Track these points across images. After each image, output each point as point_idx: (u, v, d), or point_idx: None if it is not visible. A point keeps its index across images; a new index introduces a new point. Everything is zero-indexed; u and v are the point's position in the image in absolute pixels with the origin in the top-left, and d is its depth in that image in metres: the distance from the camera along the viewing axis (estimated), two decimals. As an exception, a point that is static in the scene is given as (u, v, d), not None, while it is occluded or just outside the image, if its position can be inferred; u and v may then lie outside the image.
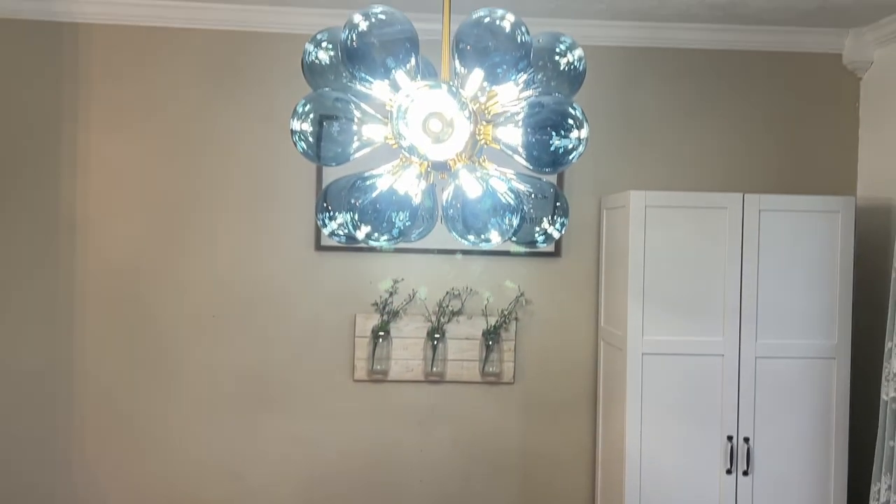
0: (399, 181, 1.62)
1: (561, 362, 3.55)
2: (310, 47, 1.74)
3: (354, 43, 1.55)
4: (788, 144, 3.56)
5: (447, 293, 3.47)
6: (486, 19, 1.51)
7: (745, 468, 3.12)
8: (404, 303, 3.46)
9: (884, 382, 3.00)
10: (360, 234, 1.56)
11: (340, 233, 1.76)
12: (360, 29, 1.53)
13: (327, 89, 1.67)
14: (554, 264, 3.54)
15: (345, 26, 1.55)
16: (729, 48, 3.51)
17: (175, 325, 3.44)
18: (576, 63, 1.68)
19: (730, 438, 3.11)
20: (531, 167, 1.60)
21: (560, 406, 3.56)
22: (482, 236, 1.55)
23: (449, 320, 3.47)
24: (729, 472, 3.11)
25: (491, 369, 3.50)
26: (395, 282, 3.47)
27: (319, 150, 1.64)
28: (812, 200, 3.16)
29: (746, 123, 3.56)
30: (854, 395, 3.19)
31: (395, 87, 1.60)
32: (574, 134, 1.56)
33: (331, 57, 1.74)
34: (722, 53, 3.53)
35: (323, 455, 3.50)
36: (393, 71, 1.58)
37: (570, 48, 1.67)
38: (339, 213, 1.74)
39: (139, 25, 3.39)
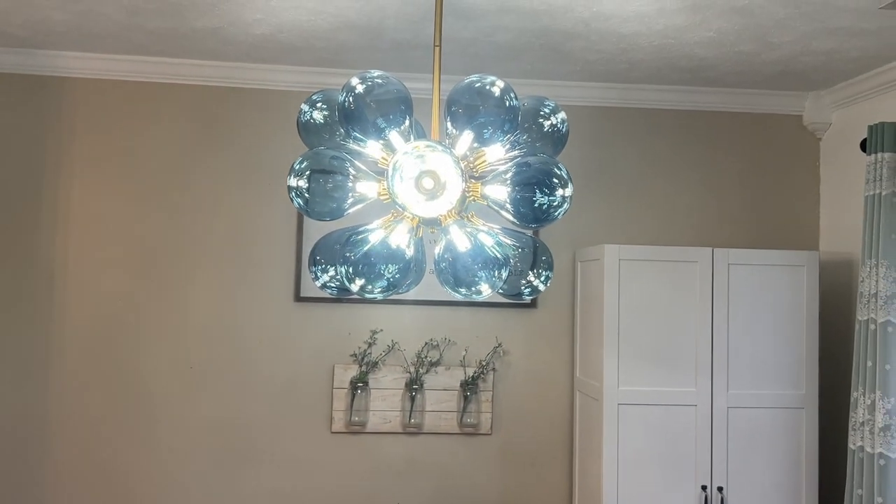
0: (391, 235, 1.69)
1: (538, 413, 3.60)
2: (305, 107, 1.82)
3: (352, 105, 1.63)
4: (755, 201, 3.70)
5: (426, 344, 3.52)
6: (477, 84, 1.60)
7: (720, 517, 3.17)
8: (383, 354, 3.50)
9: (851, 432, 3.09)
10: (355, 286, 1.62)
11: (332, 285, 1.82)
12: (356, 91, 1.61)
13: (323, 148, 1.73)
14: (530, 316, 3.61)
15: (343, 88, 1.63)
16: (697, 109, 3.67)
17: (153, 376, 3.43)
18: (559, 125, 1.78)
19: (704, 488, 3.17)
20: (518, 223, 1.68)
21: (537, 456, 3.59)
22: (473, 289, 1.62)
23: (427, 371, 3.51)
24: (704, 521, 3.16)
25: (469, 420, 3.53)
26: (374, 333, 3.51)
27: (315, 205, 1.69)
28: (778, 255, 3.29)
29: (714, 180, 3.70)
30: (823, 444, 3.27)
31: (390, 147, 1.68)
32: (559, 192, 1.65)
33: (325, 116, 1.82)
34: (690, 114, 3.69)
35: (300, 508, 3.49)
36: (387, 131, 1.66)
37: (554, 111, 1.78)
38: (331, 266, 1.81)
39: (123, 80, 3.46)
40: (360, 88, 1.61)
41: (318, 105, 1.81)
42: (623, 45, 3.02)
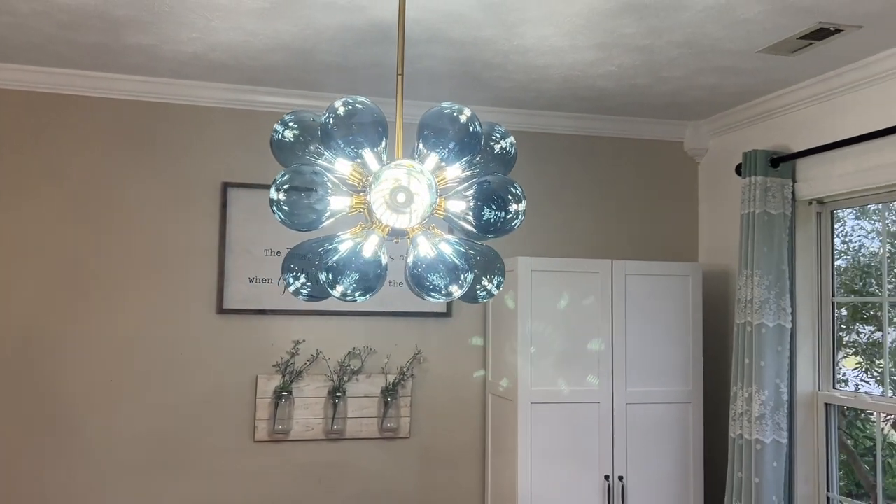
0: (366, 245, 1.86)
1: (453, 415, 3.82)
2: (278, 127, 1.97)
3: (333, 125, 1.80)
4: (645, 217, 4.11)
5: (348, 353, 3.67)
6: (447, 111, 1.82)
7: (621, 504, 3.50)
8: (307, 363, 3.62)
9: (731, 422, 3.51)
10: (337, 291, 1.78)
11: (304, 291, 1.97)
12: (338, 113, 1.79)
13: (301, 164, 1.88)
14: (445, 324, 3.83)
15: (326, 110, 1.80)
16: (595, 134, 4.04)
17: (74, 390, 3.40)
18: (508, 148, 2.02)
19: (607, 477, 3.49)
20: (479, 234, 1.90)
21: (452, 457, 3.81)
22: (443, 292, 1.82)
23: (349, 379, 3.66)
24: (607, 508, 3.48)
25: (389, 425, 3.70)
26: (297, 343, 3.63)
27: (295, 217, 1.84)
28: (667, 266, 3.68)
29: (612, 199, 4.08)
30: (707, 434, 3.68)
31: (364, 165, 1.86)
32: (513, 207, 1.88)
33: (294, 135, 1.98)
34: (589, 138, 4.05)
35: (224, 517, 3.54)
36: (362, 151, 1.84)
37: (504, 136, 2.02)
38: (303, 273, 1.96)
39: (45, 92, 3.43)
40: (341, 111, 1.79)
41: (290, 125, 1.97)
42: (534, 75, 3.32)
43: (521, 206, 1.88)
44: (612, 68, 3.22)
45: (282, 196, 1.85)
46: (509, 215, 1.88)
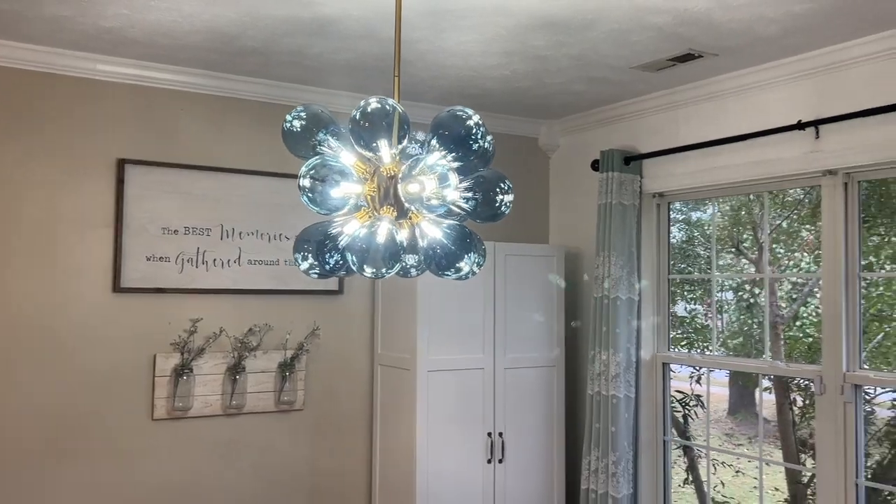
0: (380, 228, 2.10)
1: (343, 386, 4.06)
2: (289, 117, 2.16)
3: (364, 121, 2.02)
4: (516, 205, 4.58)
5: (248, 330, 3.78)
6: (459, 113, 2.10)
7: (500, 457, 3.97)
8: (210, 341, 3.67)
9: (589, 381, 4.10)
10: (368, 272, 2.02)
11: (315, 271, 2.17)
12: (371, 107, 2.01)
13: (323, 157, 2.08)
14: (338, 301, 4.06)
15: (358, 106, 2.01)
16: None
17: (-38, 375, 3.20)
18: (487, 146, 2.34)
19: (489, 434, 3.94)
20: (475, 220, 2.22)
21: (343, 426, 4.05)
22: (454, 269, 2.12)
23: (248, 356, 3.77)
24: (489, 461, 3.93)
25: (285, 398, 3.86)
26: (194, 322, 3.67)
27: (322, 202, 2.04)
28: (538, 248, 4.19)
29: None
30: (569, 393, 4.26)
31: (379, 158, 2.10)
32: (501, 197, 2.22)
33: (301, 125, 2.17)
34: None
35: (124, 495, 3.51)
36: (379, 142, 2.08)
37: (484, 136, 2.34)
38: (312, 253, 2.16)
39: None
40: (373, 105, 2.01)
41: (301, 116, 2.16)
42: (436, 73, 3.65)
43: (510, 197, 2.22)
44: (506, 72, 3.63)
45: (309, 183, 2.04)
46: (500, 204, 2.21)
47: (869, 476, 3.29)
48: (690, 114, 3.89)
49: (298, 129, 2.17)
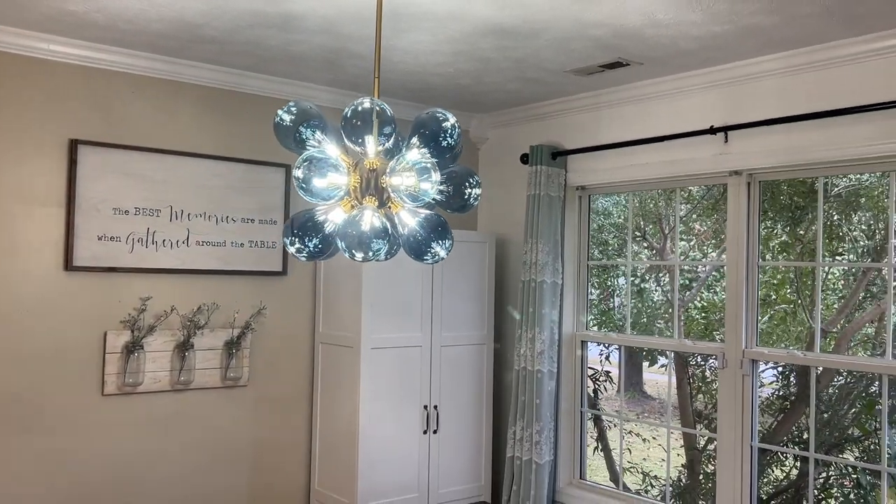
0: (363, 216, 2.34)
1: (285, 363, 4.24)
2: (280, 112, 2.35)
3: (355, 119, 2.24)
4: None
5: (198, 308, 3.90)
6: (439, 116, 2.35)
7: (435, 428, 4.26)
8: (160, 319, 3.78)
9: (516, 358, 4.45)
10: (358, 256, 2.25)
11: (303, 254, 2.38)
12: (363, 107, 2.24)
13: (317, 150, 2.28)
14: (281, 282, 4.22)
15: (351, 105, 2.23)
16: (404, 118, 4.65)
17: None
18: (459, 144, 2.60)
19: (425, 407, 4.23)
20: (447, 210, 2.48)
21: (284, 401, 4.24)
22: (430, 253, 2.37)
23: (196, 333, 3.90)
24: (425, 432, 4.22)
25: (231, 375, 4.02)
26: (144, 300, 3.76)
27: (313, 193, 2.25)
28: (472, 234, 4.49)
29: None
30: (497, 369, 4.59)
31: (365, 153, 2.32)
32: (470, 191, 2.49)
33: (291, 119, 2.37)
34: (400, 121, 4.65)
35: (75, 467, 3.59)
36: (367, 138, 2.31)
37: (460, 135, 2.59)
38: (303, 237, 2.37)
39: None
40: (366, 104, 2.24)
41: (292, 110, 2.35)
42: (386, 67, 3.86)
43: (478, 191, 2.50)
44: (449, 70, 3.89)
45: (301, 174, 2.24)
46: (469, 196, 2.48)
47: (760, 439, 3.77)
48: (614, 114, 4.26)
49: (288, 123, 2.36)
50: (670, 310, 4.85)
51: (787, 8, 2.92)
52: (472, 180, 2.49)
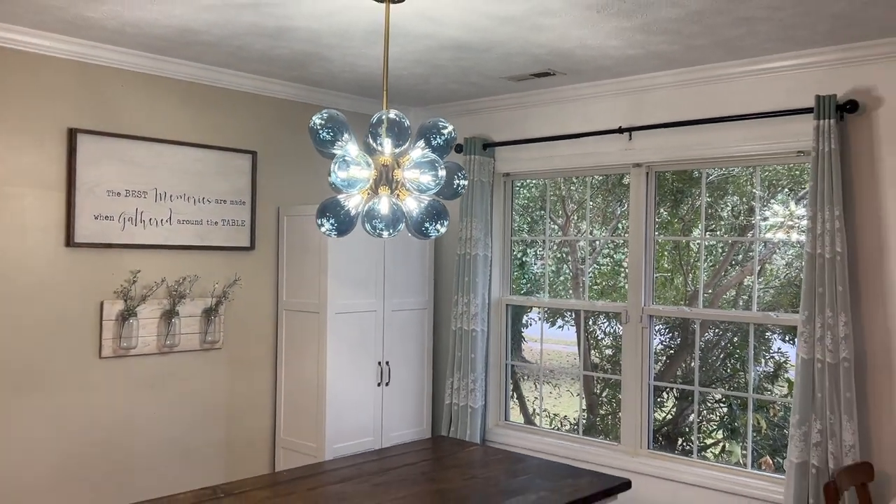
0: (381, 202, 2.98)
1: (253, 328, 4.79)
2: (315, 119, 2.94)
3: (379, 125, 2.87)
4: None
5: (183, 279, 4.38)
6: (440, 124, 3.02)
7: (387, 381, 4.94)
8: (154, 288, 4.24)
9: (452, 320, 5.19)
10: (385, 234, 2.89)
11: (333, 232, 3.00)
12: (390, 116, 2.87)
13: (345, 152, 2.90)
14: (250, 256, 4.75)
15: (377, 115, 2.87)
16: (358, 112, 5.24)
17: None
18: (447, 136, 3.27)
19: (379, 363, 4.89)
20: (439, 198, 3.16)
21: (252, 362, 4.79)
22: (434, 230, 3.04)
23: (180, 302, 4.38)
24: (378, 384, 4.89)
25: (209, 339, 4.53)
26: (134, 273, 4.21)
27: (345, 185, 2.87)
28: (414, 213, 5.16)
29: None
30: (436, 330, 5.31)
31: (382, 151, 2.96)
32: (458, 182, 3.18)
33: (320, 125, 2.97)
34: (356, 115, 5.25)
35: (76, 423, 4.02)
36: (380, 139, 2.95)
37: (444, 127, 3.26)
38: (331, 218, 2.99)
39: None
40: (392, 114, 2.88)
41: (325, 117, 2.95)
42: (345, 69, 4.44)
43: (465, 182, 3.19)
44: (403, 73, 4.53)
45: (336, 168, 2.86)
46: (457, 186, 3.17)
47: (653, 378, 4.71)
48: (537, 113, 5.05)
49: (320, 128, 2.96)
50: (574, 278, 5.73)
51: (687, 40, 3.77)
52: (460, 174, 3.18)
